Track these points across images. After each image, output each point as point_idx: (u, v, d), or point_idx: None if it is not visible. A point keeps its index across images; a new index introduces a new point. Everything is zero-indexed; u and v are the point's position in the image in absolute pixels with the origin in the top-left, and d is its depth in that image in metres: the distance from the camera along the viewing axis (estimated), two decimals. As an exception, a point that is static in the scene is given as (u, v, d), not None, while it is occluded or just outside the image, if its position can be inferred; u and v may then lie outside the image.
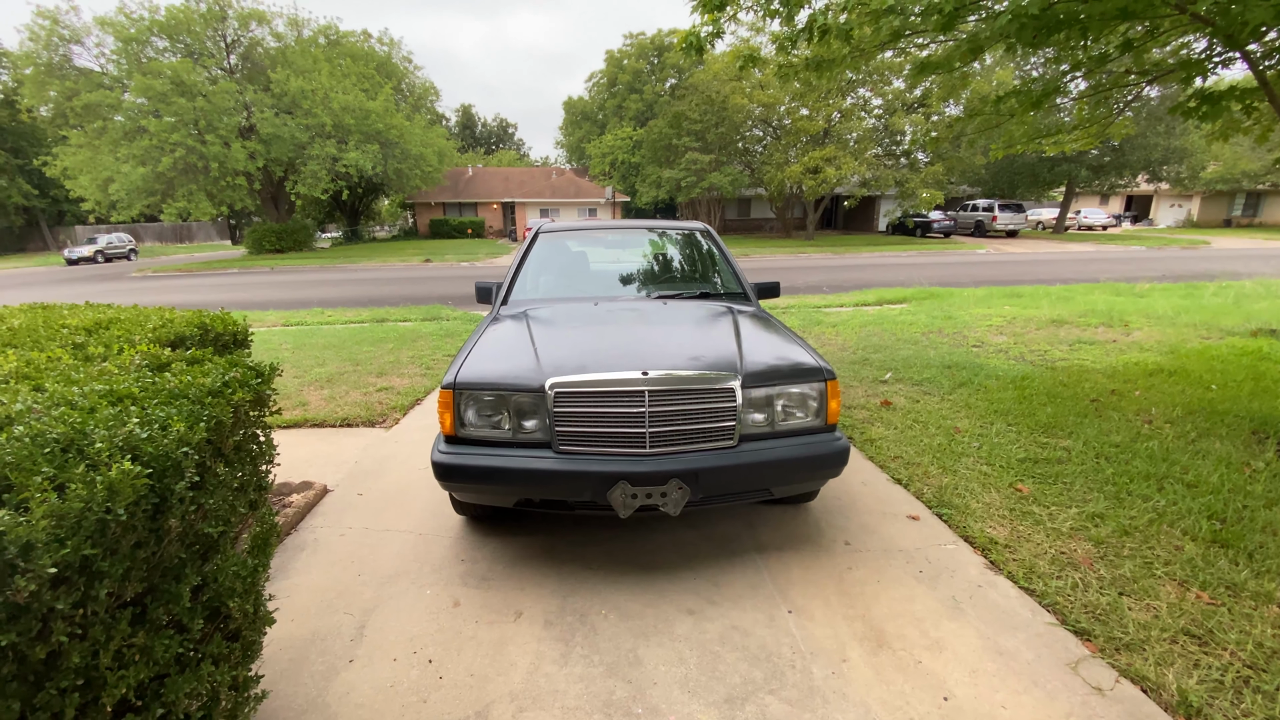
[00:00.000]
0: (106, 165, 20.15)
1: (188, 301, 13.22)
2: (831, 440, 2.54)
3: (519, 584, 2.54)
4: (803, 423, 2.56)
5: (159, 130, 19.71)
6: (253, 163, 21.72)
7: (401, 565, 2.70)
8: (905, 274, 15.33)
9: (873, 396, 4.91)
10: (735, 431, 2.43)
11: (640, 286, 3.82)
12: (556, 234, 4.17)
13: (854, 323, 8.29)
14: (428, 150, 25.94)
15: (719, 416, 2.41)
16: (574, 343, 2.79)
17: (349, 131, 23.34)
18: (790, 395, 2.56)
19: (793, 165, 26.31)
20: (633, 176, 34.89)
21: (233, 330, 2.78)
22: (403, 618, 2.35)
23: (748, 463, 2.38)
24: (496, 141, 74.05)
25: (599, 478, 2.30)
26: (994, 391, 4.82)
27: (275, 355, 6.89)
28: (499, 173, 42.38)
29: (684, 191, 28.77)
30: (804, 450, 2.47)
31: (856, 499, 3.22)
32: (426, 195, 36.53)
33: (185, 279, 19.38)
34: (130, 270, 23.70)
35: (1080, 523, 2.86)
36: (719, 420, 2.41)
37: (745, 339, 2.84)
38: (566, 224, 4.24)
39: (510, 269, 3.88)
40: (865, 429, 4.16)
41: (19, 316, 2.51)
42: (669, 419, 2.37)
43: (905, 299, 10.54)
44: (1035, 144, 5.77)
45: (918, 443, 3.87)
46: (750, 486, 2.46)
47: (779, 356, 2.70)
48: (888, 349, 6.61)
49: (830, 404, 2.56)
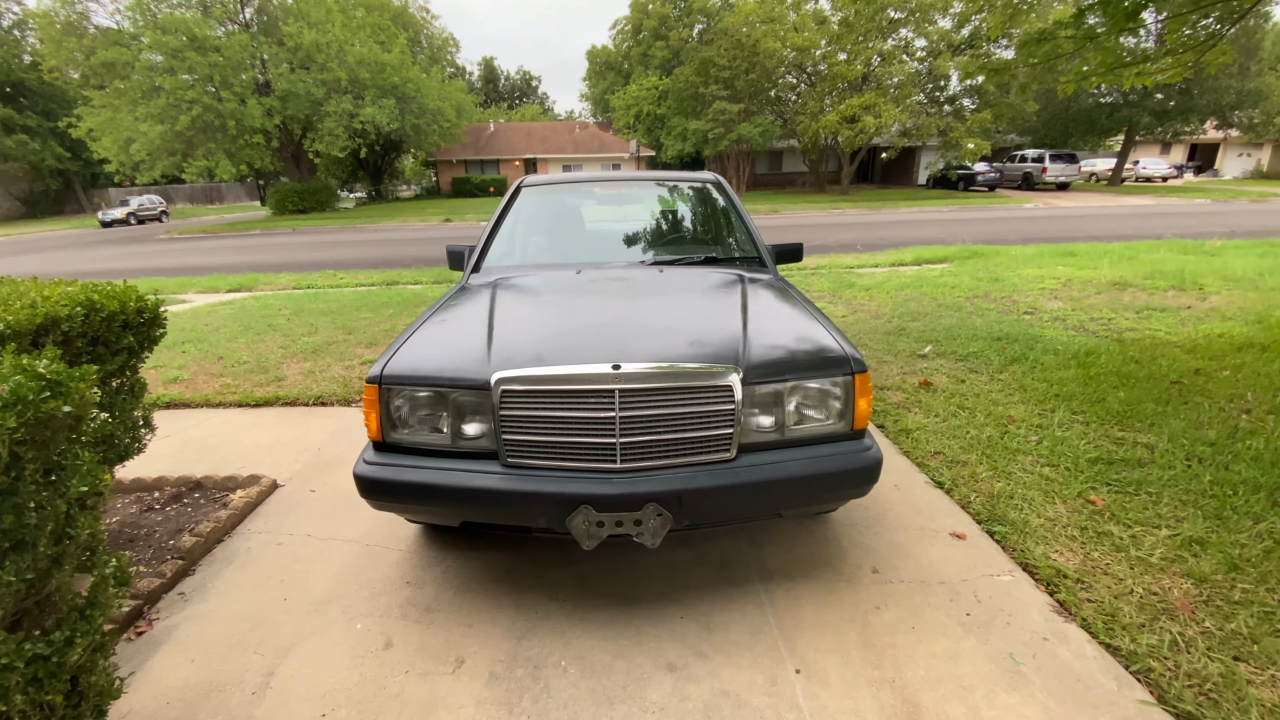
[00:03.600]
0: (126, 125, 19.97)
1: (204, 264, 13.05)
2: (859, 451, 1.98)
3: (468, 617, 2.10)
4: (822, 427, 2.01)
5: (175, 88, 19.37)
6: (270, 120, 21.30)
7: (337, 587, 2.28)
8: (946, 230, 14.26)
9: (910, 375, 4.29)
10: (733, 440, 1.89)
11: (635, 250, 3.24)
12: (541, 188, 3.60)
13: (889, 286, 7.55)
14: (445, 104, 25.10)
15: (712, 422, 1.88)
16: (539, 324, 2.26)
17: (365, 86, 22.64)
18: (807, 392, 2.00)
19: (828, 114, 24.74)
20: (658, 129, 33.52)
21: (135, 307, 2.33)
22: (321, 662, 1.93)
23: (749, 481, 1.85)
24: (520, 95, 72.20)
25: (555, 500, 1.80)
26: (1053, 370, 4.14)
27: (270, 322, 6.56)
28: (521, 128, 41.26)
29: (711, 144, 27.45)
30: (823, 464, 1.92)
31: (888, 508, 2.67)
32: (448, 153, 35.79)
33: (208, 240, 19.31)
34: (159, 232, 23.83)
35: (1174, 550, 2.27)
36: (712, 426, 1.88)
37: (753, 318, 2.27)
38: (553, 177, 3.66)
39: (486, 229, 3.34)
40: (900, 416, 3.57)
41: None
42: (647, 425, 1.84)
43: (946, 258, 9.67)
44: (1114, 75, 4.88)
45: (963, 435, 3.27)
46: (752, 511, 1.94)
47: (794, 341, 2.13)
48: (927, 316, 5.91)
49: (858, 404, 2.00)
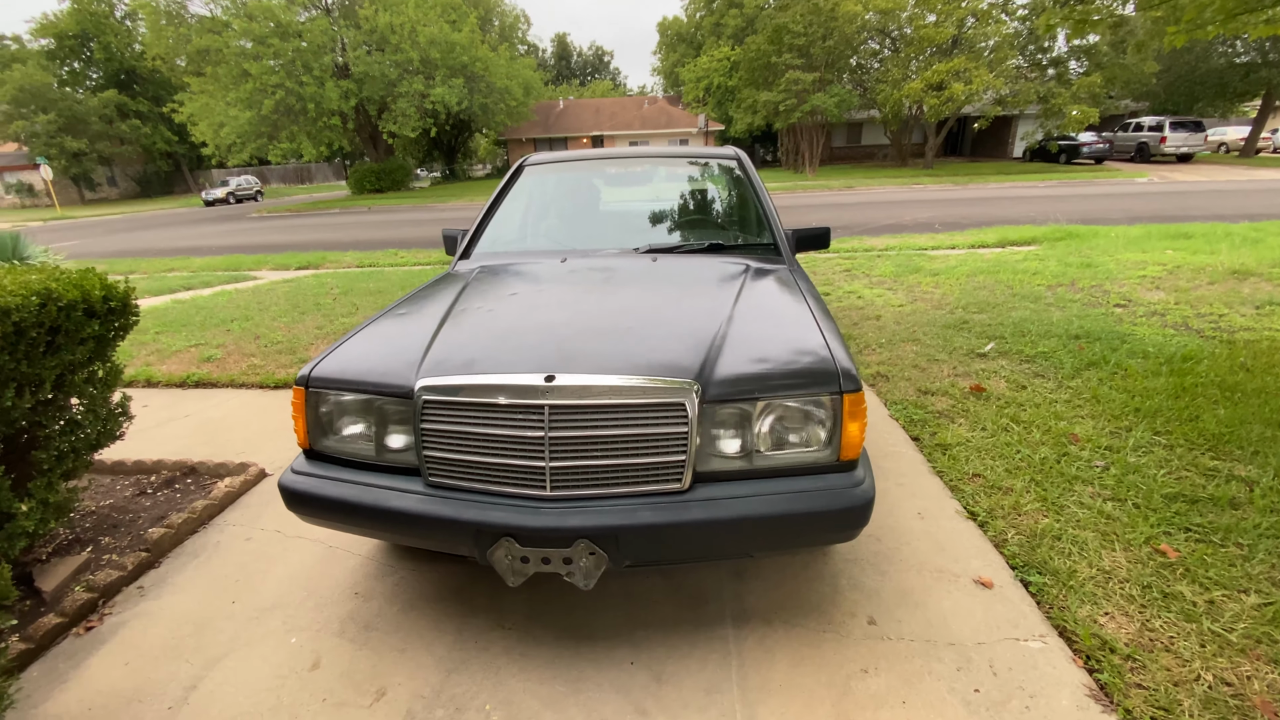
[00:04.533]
0: (218, 110, 21.31)
1: (283, 242, 13.73)
2: (845, 486, 1.64)
3: (404, 640, 1.93)
4: (802, 454, 1.68)
5: (260, 73, 20.42)
6: (346, 102, 22.12)
7: (287, 592, 2.17)
8: (1040, 208, 12.91)
9: (961, 377, 3.78)
10: (686, 468, 1.60)
11: (633, 235, 2.94)
12: (545, 167, 3.34)
13: (961, 270, 6.84)
14: (513, 83, 25.19)
15: (660, 446, 1.59)
16: (489, 323, 2.03)
17: (435, 66, 23.04)
18: (785, 412, 1.67)
19: (912, 82, 22.99)
20: (728, 103, 32.36)
21: (101, 295, 2.28)
22: (244, 680, 1.81)
23: (702, 519, 1.56)
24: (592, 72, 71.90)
25: (475, 529, 1.58)
26: (1138, 377, 3.52)
27: (317, 301, 6.73)
28: (590, 104, 41.05)
29: (782, 116, 26.18)
30: (797, 501, 1.60)
31: (904, 541, 2.29)
32: (517, 131, 36.13)
33: (291, 219, 20.43)
34: (251, 211, 25.49)
35: (1262, 626, 1.79)
36: (660, 451, 1.59)
37: (738, 319, 1.95)
38: (559, 154, 3.40)
39: (480, 212, 3.14)
40: (941, 428, 3.12)
41: None
42: (582, 448, 1.58)
43: (1034, 239, 8.70)
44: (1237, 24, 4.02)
45: (1012, 454, 2.80)
46: (707, 552, 1.65)
47: (777, 349, 1.79)
48: (997, 307, 5.26)
49: (848, 428, 1.65)
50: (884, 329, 4.92)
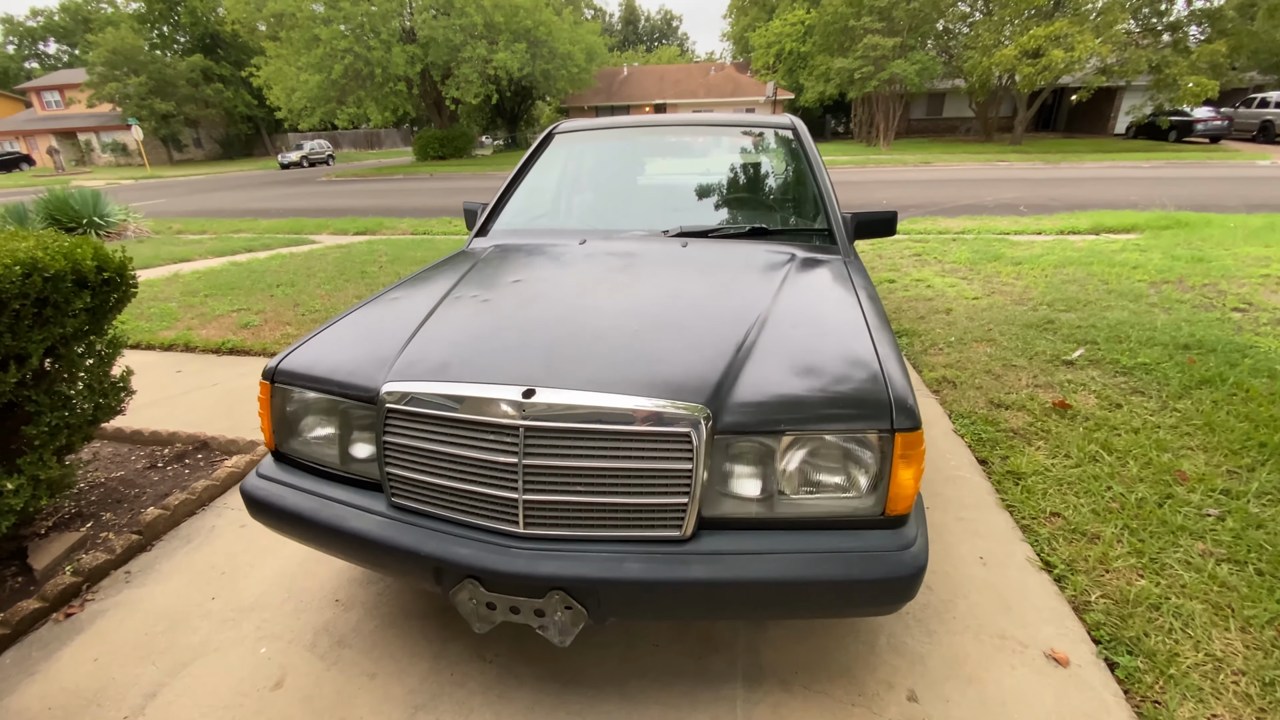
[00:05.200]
0: (290, 75, 21.85)
1: (346, 206, 14.01)
2: (890, 548, 1.31)
3: (376, 663, 1.75)
4: (838, 503, 1.35)
5: (330, 38, 20.74)
6: (412, 67, 22.24)
7: (267, 592, 2.03)
8: (1144, 191, 11.62)
9: (1042, 388, 3.29)
10: (688, 513, 1.31)
11: (666, 215, 2.61)
12: (576, 135, 3.03)
13: (1048, 260, 6.13)
14: (575, 49, 24.68)
15: (656, 485, 1.30)
16: (476, 319, 1.76)
17: (499, 31, 22.80)
18: (819, 447, 1.34)
19: (1005, 48, 21.10)
20: (800, 70, 30.80)
21: (93, 266, 2.16)
22: (203, 693, 1.67)
23: (703, 579, 1.27)
24: (660, 37, 70.09)
25: (436, 566, 1.35)
26: (1264, 402, 2.95)
27: (363, 269, 6.72)
28: (654, 71, 40.00)
29: (857, 85, 24.65)
30: (825, 565, 1.28)
31: (961, 592, 1.93)
32: (580, 99, 35.64)
33: (357, 184, 20.89)
34: (321, 175, 26.27)
35: None
36: (657, 491, 1.30)
37: (771, 324, 1.62)
38: (592, 122, 3.08)
39: (503, 185, 2.88)
40: (1012, 450, 2.69)
41: None
42: (562, 481, 1.31)
43: (1135, 227, 7.77)
44: None
45: (1101, 492, 2.36)
46: (710, 614, 1.36)
47: (814, 366, 1.45)
48: (1089, 305, 4.64)
49: (899, 475, 1.31)
50: (954, 325, 4.42)
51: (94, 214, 10.14)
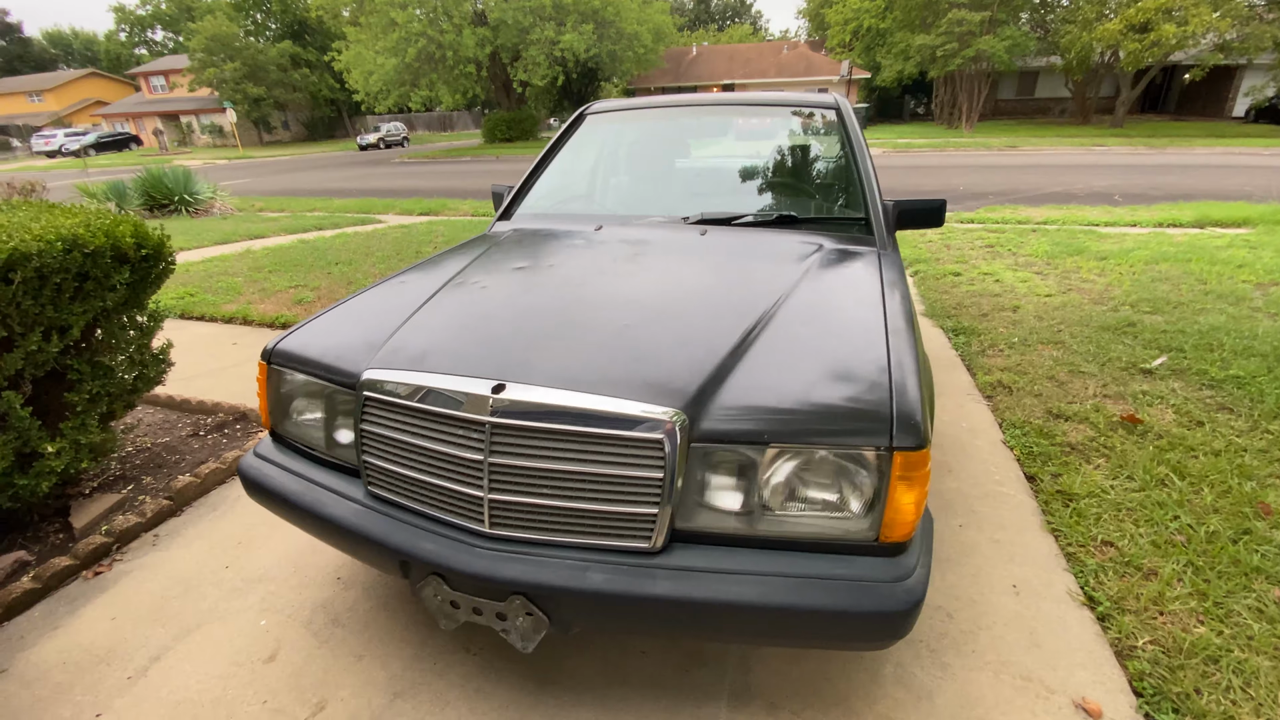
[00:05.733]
0: (368, 59, 22.65)
1: (414, 187, 14.45)
2: (882, 578, 1.17)
3: (365, 645, 1.76)
4: (828, 523, 1.22)
5: (405, 21, 21.32)
6: (481, 50, 22.59)
7: (276, 565, 2.09)
8: (1261, 181, 10.41)
9: (1111, 399, 2.97)
10: (658, 524, 1.21)
11: (692, 199, 2.47)
12: (607, 115, 2.93)
13: (1139, 255, 5.57)
14: (643, 29, 24.33)
15: (625, 492, 1.21)
16: (470, 307, 1.71)
17: (567, 12, 22.79)
18: (810, 461, 1.21)
19: (1109, 21, 19.31)
20: (878, 48, 29.29)
21: (132, 243, 2.25)
22: (203, 659, 1.73)
23: (668, 597, 1.17)
24: (733, 15, 68.31)
25: (402, 559, 1.32)
26: (1386, 427, 2.54)
27: (419, 250, 6.89)
28: (724, 51, 39.04)
29: (939, 63, 23.21)
30: (809, 591, 1.16)
31: (985, 622, 1.75)
32: (646, 80, 35.28)
33: (427, 165, 21.51)
34: (395, 156, 27.24)
35: None
36: (627, 499, 1.21)
37: (778, 323, 1.49)
38: (625, 102, 2.96)
39: (530, 167, 2.82)
40: (1066, 467, 2.43)
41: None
42: (530, 482, 1.24)
43: (1247, 220, 6.94)
44: None
45: (1166, 521, 2.09)
46: (678, 633, 1.26)
47: (813, 371, 1.32)
48: (1180, 307, 4.17)
49: (897, 498, 1.17)
50: (1020, 324, 4.07)
51: (184, 191, 10.88)
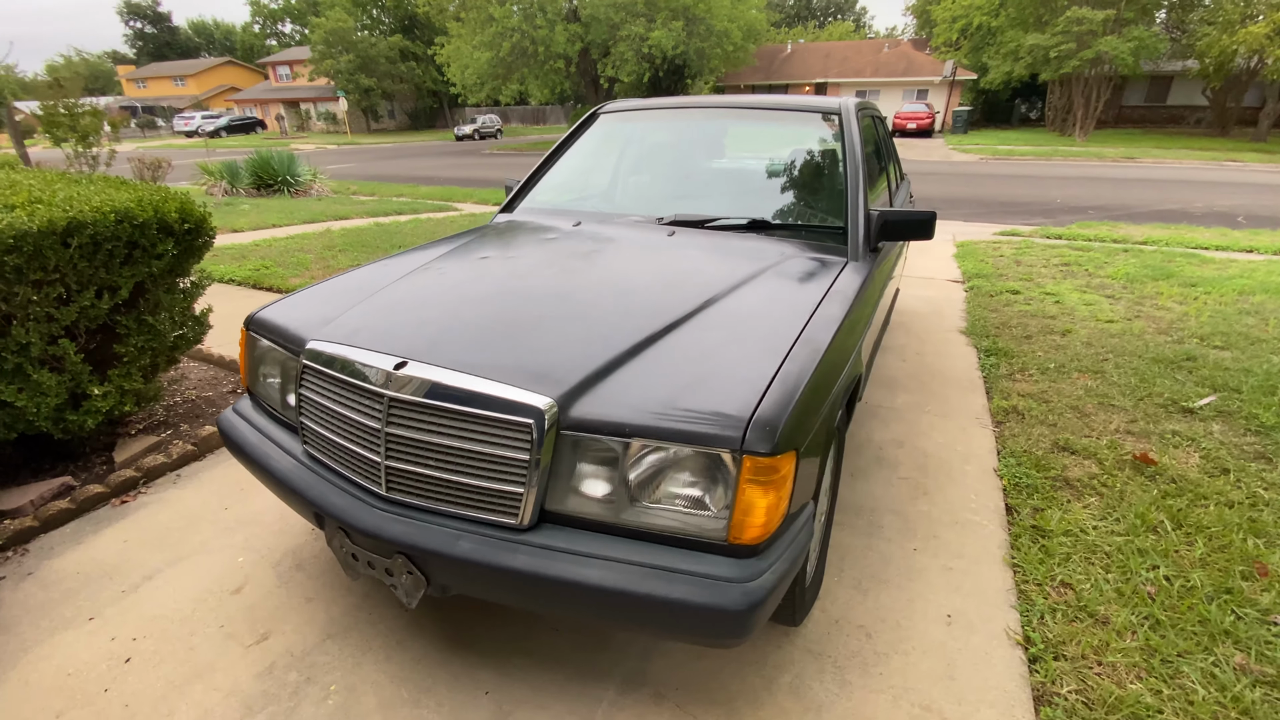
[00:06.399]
0: (466, 53, 23.75)
1: (497, 178, 15.06)
2: (725, 577, 1.20)
3: (316, 589, 1.95)
4: (689, 521, 1.26)
5: (502, 17, 22.19)
6: (571, 46, 23.15)
7: (267, 511, 2.33)
8: None
9: (1133, 436, 2.74)
10: (525, 503, 1.29)
11: (666, 202, 2.50)
12: (618, 115, 3.00)
13: (1233, 285, 5.03)
14: (733, 26, 24.06)
15: (497, 471, 1.30)
16: (420, 291, 1.84)
17: (658, 8, 22.91)
18: (670, 460, 1.26)
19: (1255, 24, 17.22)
20: (987, 47, 27.50)
21: (177, 216, 2.57)
22: (182, 585, 1.97)
23: (530, 571, 1.25)
24: (835, 12, 66.11)
25: (315, 510, 1.47)
26: None
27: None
28: (820, 49, 37.90)
29: (1053, 65, 21.53)
30: (653, 581, 1.21)
31: (906, 648, 1.71)
32: (736, 78, 34.89)
33: (514, 157, 22.34)
34: (486, 148, 28.46)
35: None
36: (496, 477, 1.30)
37: (691, 326, 1.54)
38: (636, 102, 3.02)
39: (539, 162, 2.95)
40: (1051, 502, 2.29)
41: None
42: (419, 453, 1.36)
43: (1386, 253, 6.09)
44: None
45: (1139, 570, 1.93)
46: (544, 608, 1.34)
47: (694, 374, 1.35)
48: (1257, 344, 3.76)
49: (747, 501, 1.20)
50: (1063, 349, 3.81)
51: (287, 173, 11.93)
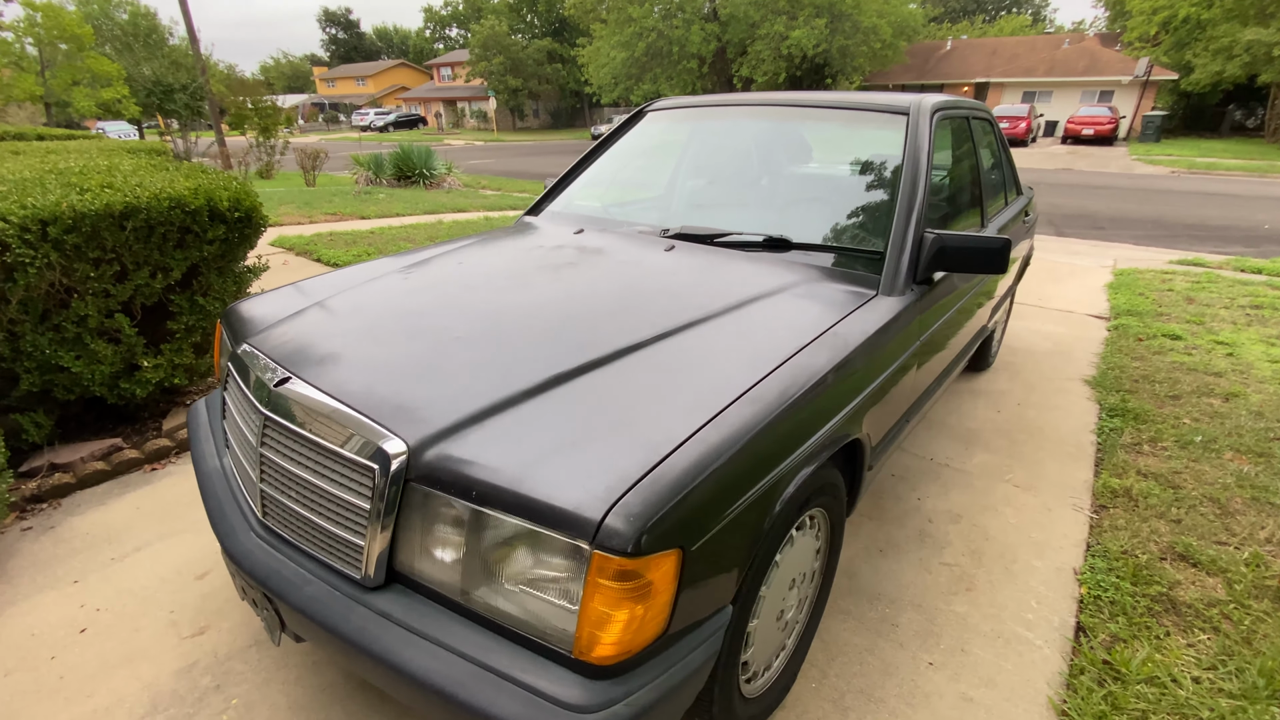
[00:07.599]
0: (604, 54, 24.38)
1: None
2: (566, 699, 0.94)
3: (266, 592, 1.93)
4: (546, 616, 1.01)
5: (641, 17, 22.49)
6: (706, 45, 22.93)
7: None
8: None
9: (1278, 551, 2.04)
10: (365, 557, 1.12)
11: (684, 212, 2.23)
12: (665, 113, 2.73)
13: None
14: (882, 22, 22.48)
15: (339, 514, 1.14)
16: (375, 298, 1.72)
17: (801, 5, 22.01)
18: (523, 535, 1.01)
19: None
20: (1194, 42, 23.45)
21: (229, 204, 2.71)
22: (163, 561, 2.04)
23: (351, 639, 1.07)
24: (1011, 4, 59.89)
25: (212, 520, 1.40)
26: None
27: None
28: (985, 45, 34.46)
29: (1277, 65, 17.85)
30: (488, 691, 0.97)
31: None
32: (884, 76, 32.68)
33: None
34: (616, 145, 29.07)
35: None
36: (339, 520, 1.14)
37: (617, 368, 1.28)
38: (686, 100, 2.73)
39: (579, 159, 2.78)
40: (1140, 633, 1.73)
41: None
42: (283, 481, 1.23)
43: None
44: None
45: None
46: (366, 675, 1.15)
47: (586, 434, 1.09)
48: None
49: (596, 607, 0.93)
50: (1219, 419, 3.00)
51: (424, 167, 12.90)
